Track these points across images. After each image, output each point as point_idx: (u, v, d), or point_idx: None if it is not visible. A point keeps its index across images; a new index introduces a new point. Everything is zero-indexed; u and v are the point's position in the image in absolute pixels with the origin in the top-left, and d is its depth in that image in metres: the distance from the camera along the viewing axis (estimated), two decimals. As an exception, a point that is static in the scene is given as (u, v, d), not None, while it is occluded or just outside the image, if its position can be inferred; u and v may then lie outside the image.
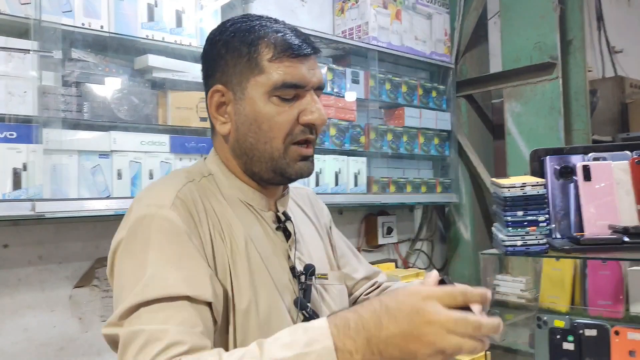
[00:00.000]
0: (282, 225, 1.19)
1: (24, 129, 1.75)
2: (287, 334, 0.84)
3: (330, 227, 1.42)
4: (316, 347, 0.80)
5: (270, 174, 1.13)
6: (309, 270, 1.17)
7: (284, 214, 1.20)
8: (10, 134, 1.72)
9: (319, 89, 1.14)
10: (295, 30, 1.14)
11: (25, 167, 1.73)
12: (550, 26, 3.01)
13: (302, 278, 1.16)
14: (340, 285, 1.29)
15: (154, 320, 0.89)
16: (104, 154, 1.95)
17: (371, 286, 1.42)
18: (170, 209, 1.01)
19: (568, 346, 1.63)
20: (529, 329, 1.94)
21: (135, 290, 0.92)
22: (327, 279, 1.24)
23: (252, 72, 1.09)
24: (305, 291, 1.15)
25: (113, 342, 0.93)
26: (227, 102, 1.12)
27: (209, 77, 1.15)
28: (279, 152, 1.10)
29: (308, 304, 1.13)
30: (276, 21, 1.16)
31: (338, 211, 3.08)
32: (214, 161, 1.18)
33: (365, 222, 3.22)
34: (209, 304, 0.96)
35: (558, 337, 1.64)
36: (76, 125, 1.92)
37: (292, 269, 1.16)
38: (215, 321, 0.99)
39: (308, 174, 1.15)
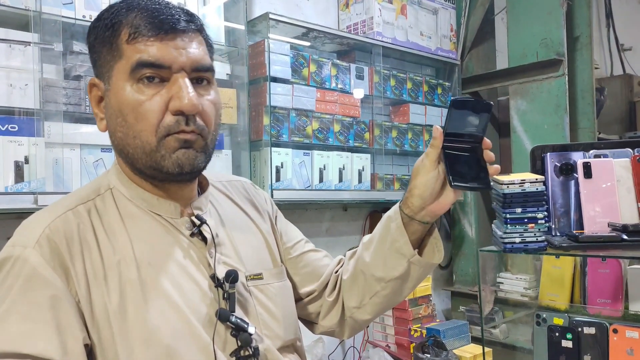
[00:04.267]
0: (197, 230, 1.07)
1: (25, 122, 1.76)
2: None
3: (275, 217, 1.32)
4: None
5: (151, 170, 1.00)
6: (230, 276, 1.04)
7: (198, 217, 1.07)
8: (12, 127, 1.73)
9: (199, 70, 1.01)
10: (169, 6, 1.01)
11: (27, 160, 1.74)
12: (557, 22, 2.99)
13: (226, 286, 1.04)
14: (279, 282, 1.19)
15: None
16: (107, 148, 1.95)
17: (338, 262, 1.33)
18: (33, 249, 0.92)
19: (567, 344, 1.62)
20: (530, 326, 1.93)
21: None
22: (261, 278, 1.14)
23: (114, 58, 0.98)
24: (229, 300, 1.04)
25: None
26: (103, 95, 1.02)
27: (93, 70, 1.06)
28: (151, 145, 0.97)
29: (232, 313, 1.03)
30: (135, 4, 1.01)
31: (342, 208, 3.08)
32: (114, 171, 1.07)
33: (370, 218, 3.21)
34: None
35: (557, 334, 1.64)
36: (78, 118, 1.92)
37: (212, 277, 1.05)
38: None
39: (191, 167, 1.00)
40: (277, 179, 2.44)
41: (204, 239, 1.07)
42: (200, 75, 1.02)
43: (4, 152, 1.71)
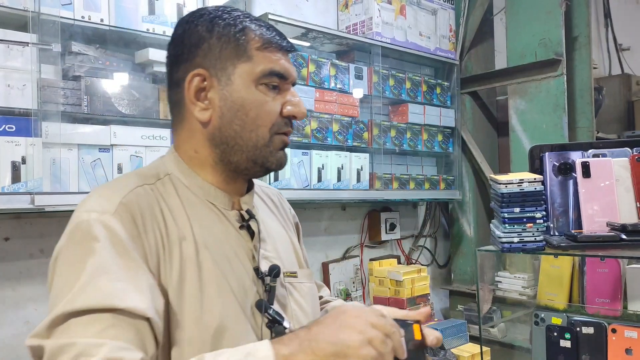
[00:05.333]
0: (246, 224, 1.14)
1: (23, 122, 1.75)
2: (230, 350, 0.86)
3: (298, 230, 1.39)
4: (258, 355, 0.83)
5: (249, 163, 1.10)
6: (274, 271, 1.11)
7: (248, 212, 1.15)
8: (10, 127, 1.73)
9: (294, 85, 1.16)
10: (274, 27, 1.14)
11: (24, 161, 1.74)
12: (555, 22, 2.99)
13: (267, 279, 1.11)
14: (310, 283, 1.26)
15: (85, 333, 0.83)
16: (104, 148, 1.95)
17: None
18: (112, 216, 0.96)
19: (565, 344, 1.62)
20: (528, 325, 1.93)
21: (66, 299, 0.86)
22: (296, 277, 1.21)
23: (239, 58, 1.07)
24: (270, 292, 1.10)
25: (37, 356, 0.85)
26: (208, 87, 1.08)
27: (184, 62, 1.09)
28: (264, 140, 1.09)
29: (271, 306, 1.08)
30: (252, 15, 1.14)
31: (341, 207, 3.08)
32: (172, 159, 1.13)
33: (369, 218, 3.22)
34: (147, 320, 0.90)
35: (555, 334, 1.64)
36: (76, 118, 1.92)
37: (256, 269, 1.11)
38: (155, 337, 0.92)
39: (284, 165, 1.15)
40: (276, 179, 2.44)
41: (250, 233, 1.14)
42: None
43: (1, 152, 1.71)
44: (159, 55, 2.06)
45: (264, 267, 1.12)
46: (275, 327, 1.06)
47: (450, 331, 2.54)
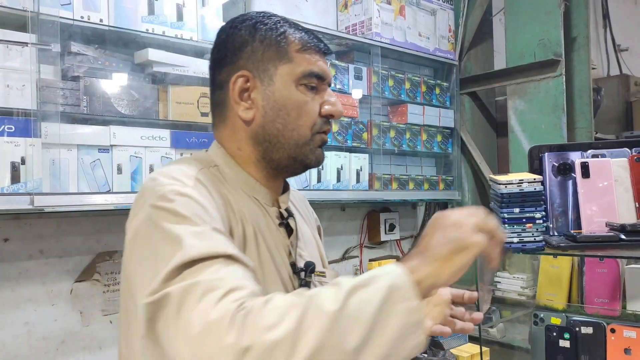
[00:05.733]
0: (285, 221, 1.20)
1: (22, 123, 1.75)
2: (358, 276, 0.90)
3: (320, 232, 1.44)
4: (387, 270, 0.86)
5: (290, 161, 1.16)
6: (309, 267, 1.19)
7: (287, 210, 1.22)
8: (9, 128, 1.72)
9: (330, 85, 1.21)
10: (312, 31, 1.21)
11: (23, 161, 1.74)
12: (554, 23, 3.00)
13: (302, 274, 1.18)
14: None
15: (204, 273, 0.86)
16: (104, 149, 1.95)
17: None
18: (193, 189, 1.01)
19: (564, 343, 1.62)
20: (527, 325, 1.94)
21: (177, 254, 0.88)
22: (325, 276, 1.25)
23: (281, 60, 1.13)
24: (306, 287, 1.15)
25: (159, 308, 0.86)
26: (251, 88, 1.14)
27: (228, 64, 1.16)
28: (305, 139, 1.15)
29: None
30: (290, 21, 1.21)
31: (340, 207, 3.09)
32: (219, 154, 1.19)
33: (368, 218, 3.22)
34: (250, 268, 0.94)
35: (554, 334, 1.64)
36: (75, 119, 1.92)
37: (293, 265, 1.17)
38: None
39: (322, 162, 1.20)
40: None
41: (287, 231, 1.20)
42: None
43: (1, 152, 1.70)
44: (158, 56, 2.06)
45: (300, 263, 1.19)
46: None
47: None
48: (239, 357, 0.77)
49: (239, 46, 1.15)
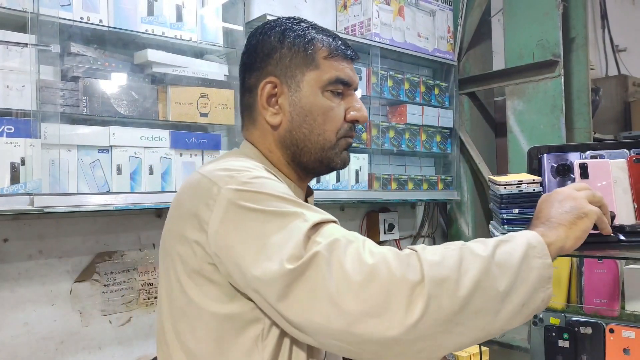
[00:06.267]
0: None
1: (22, 123, 1.75)
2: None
3: None
4: (522, 232, 0.99)
5: (317, 164, 1.19)
6: None
7: None
8: (9, 128, 1.72)
9: (356, 90, 1.24)
10: (339, 37, 1.23)
11: (23, 162, 1.74)
12: (553, 24, 3.00)
13: None
14: None
15: (336, 232, 0.94)
16: (103, 149, 1.95)
17: None
18: (268, 175, 1.07)
19: (563, 344, 1.63)
20: (527, 325, 1.94)
21: (299, 223, 0.94)
22: None
23: (308, 66, 1.16)
24: None
25: (305, 270, 0.89)
26: (278, 94, 1.18)
27: (257, 70, 1.20)
28: (331, 143, 1.17)
29: None
30: (318, 26, 1.24)
31: (340, 208, 3.09)
32: (256, 154, 1.22)
33: (367, 218, 3.22)
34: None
35: (553, 334, 1.65)
36: (75, 119, 1.92)
37: None
38: None
39: (347, 164, 1.25)
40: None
41: None
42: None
43: (0, 153, 1.70)
44: (157, 56, 2.07)
45: None
46: None
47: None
48: (412, 290, 0.86)
49: (268, 52, 1.18)
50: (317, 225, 0.95)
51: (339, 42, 1.20)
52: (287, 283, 0.90)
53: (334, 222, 1.00)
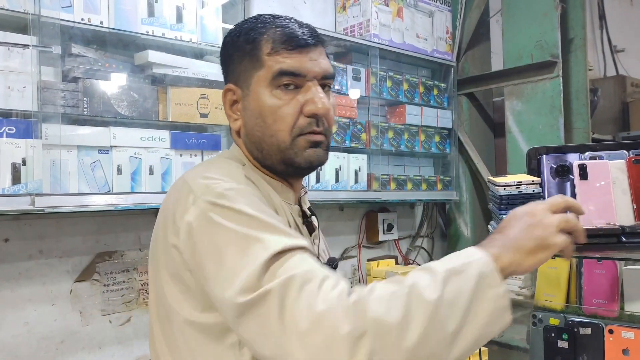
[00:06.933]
0: (308, 220, 1.24)
1: (23, 124, 1.75)
2: (440, 260, 0.95)
3: None
4: (474, 257, 0.93)
5: (282, 165, 1.15)
6: (333, 262, 1.22)
7: (310, 209, 1.26)
8: (10, 129, 1.73)
9: (326, 78, 1.15)
10: (299, 24, 1.17)
11: (24, 162, 1.74)
12: (551, 24, 3.01)
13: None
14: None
15: (294, 266, 0.90)
16: (104, 149, 1.96)
17: None
18: (247, 186, 1.05)
19: (563, 344, 1.63)
20: (525, 325, 1.94)
21: (256, 251, 0.91)
22: None
23: (255, 67, 1.13)
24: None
25: (257, 304, 0.88)
26: (238, 99, 1.17)
27: (225, 78, 1.22)
28: (285, 144, 1.12)
29: None
30: (281, 17, 1.18)
31: (339, 208, 3.09)
32: (241, 155, 1.21)
33: (366, 218, 3.23)
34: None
35: (553, 335, 1.65)
36: (76, 120, 1.93)
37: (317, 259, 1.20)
38: None
39: (319, 163, 1.16)
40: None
41: (309, 229, 1.23)
42: (325, 83, 1.16)
43: (2, 153, 1.70)
44: (158, 57, 2.07)
45: (323, 259, 1.23)
46: None
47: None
48: (354, 344, 0.82)
49: (225, 61, 1.20)
50: (279, 255, 0.91)
51: (288, 32, 1.13)
52: (238, 314, 0.89)
53: (301, 247, 0.95)
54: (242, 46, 1.15)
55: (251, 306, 0.88)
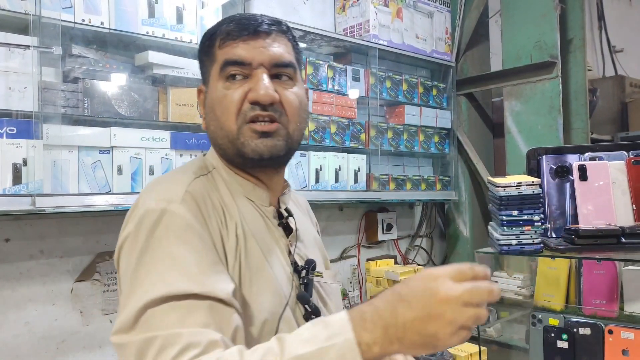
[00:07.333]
0: (285, 221, 1.20)
1: (24, 125, 1.76)
2: (307, 329, 0.83)
3: (319, 237, 1.44)
4: (337, 340, 0.79)
5: (236, 157, 1.12)
6: (311, 265, 1.18)
7: (287, 210, 1.22)
8: (11, 129, 1.73)
9: (279, 66, 1.11)
10: (258, 16, 1.13)
11: (25, 162, 1.74)
12: (550, 25, 3.02)
13: (303, 273, 1.17)
14: (335, 284, 1.30)
15: (164, 324, 0.86)
16: (104, 150, 1.96)
17: None
18: (180, 204, 0.99)
19: (562, 344, 1.64)
20: (525, 325, 1.95)
21: (142, 290, 0.89)
22: (322, 277, 1.25)
23: (211, 63, 1.13)
24: (307, 285, 1.16)
25: (123, 351, 0.89)
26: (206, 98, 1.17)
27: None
28: (233, 133, 1.09)
29: (310, 298, 1.14)
30: (243, 15, 1.15)
31: (338, 208, 3.10)
32: (215, 157, 1.19)
33: (366, 218, 3.23)
34: (221, 301, 0.92)
35: (552, 335, 1.66)
36: (76, 120, 1.93)
37: (294, 264, 1.17)
38: (234, 316, 0.95)
39: (268, 153, 1.09)
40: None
41: (287, 230, 1.19)
42: (280, 72, 1.12)
43: (3, 154, 1.71)
44: (158, 58, 2.07)
45: (299, 262, 1.18)
46: (312, 319, 1.08)
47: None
48: None
49: (198, 62, 1.20)
50: (155, 303, 0.88)
51: (237, 24, 1.10)
52: (115, 346, 0.91)
53: (193, 295, 0.90)
54: (203, 46, 1.16)
55: (118, 348, 0.90)
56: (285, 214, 1.21)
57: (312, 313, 1.13)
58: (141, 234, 0.96)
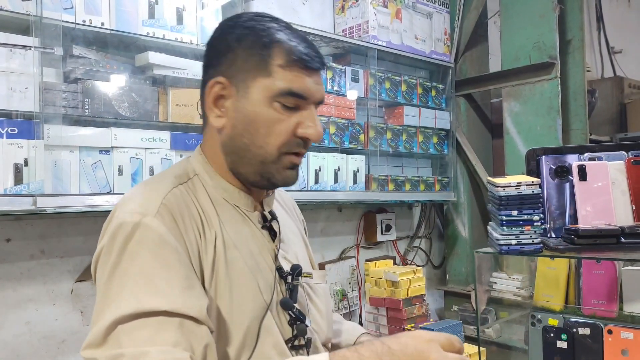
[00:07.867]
0: (268, 224, 1.18)
1: (25, 125, 1.76)
2: None
3: (305, 232, 1.43)
4: None
5: (257, 177, 1.11)
6: (296, 270, 1.17)
7: (271, 213, 1.20)
8: (12, 130, 1.73)
9: (320, 104, 1.14)
10: (308, 42, 1.12)
11: (26, 163, 1.75)
12: (549, 26, 3.02)
13: (289, 278, 1.15)
14: (324, 284, 1.30)
15: (133, 341, 0.86)
16: (105, 150, 1.96)
17: None
18: (154, 217, 0.98)
19: (561, 344, 1.64)
20: (524, 326, 1.95)
21: (114, 305, 0.89)
22: (312, 277, 1.24)
23: (260, 72, 1.06)
24: (292, 291, 1.14)
25: None
26: (226, 96, 1.10)
27: (212, 67, 1.12)
28: (272, 157, 1.08)
29: (294, 304, 1.13)
30: (289, 27, 1.13)
31: (337, 208, 3.10)
32: (199, 161, 1.16)
33: (364, 219, 3.24)
34: (193, 319, 0.92)
35: (551, 335, 1.66)
36: (77, 121, 1.93)
37: (279, 269, 1.15)
38: (211, 331, 0.96)
39: (293, 183, 1.14)
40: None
41: (272, 234, 1.18)
42: (317, 107, 1.14)
43: (4, 154, 1.71)
44: (158, 59, 2.08)
45: (285, 267, 1.16)
46: (297, 324, 1.11)
47: (447, 331, 2.53)
48: None
49: (223, 50, 1.10)
50: (125, 319, 0.88)
51: (303, 49, 1.08)
52: None
53: (156, 313, 0.89)
54: (252, 45, 1.07)
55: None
56: (270, 217, 1.19)
57: (296, 319, 1.12)
58: (114, 248, 0.95)
